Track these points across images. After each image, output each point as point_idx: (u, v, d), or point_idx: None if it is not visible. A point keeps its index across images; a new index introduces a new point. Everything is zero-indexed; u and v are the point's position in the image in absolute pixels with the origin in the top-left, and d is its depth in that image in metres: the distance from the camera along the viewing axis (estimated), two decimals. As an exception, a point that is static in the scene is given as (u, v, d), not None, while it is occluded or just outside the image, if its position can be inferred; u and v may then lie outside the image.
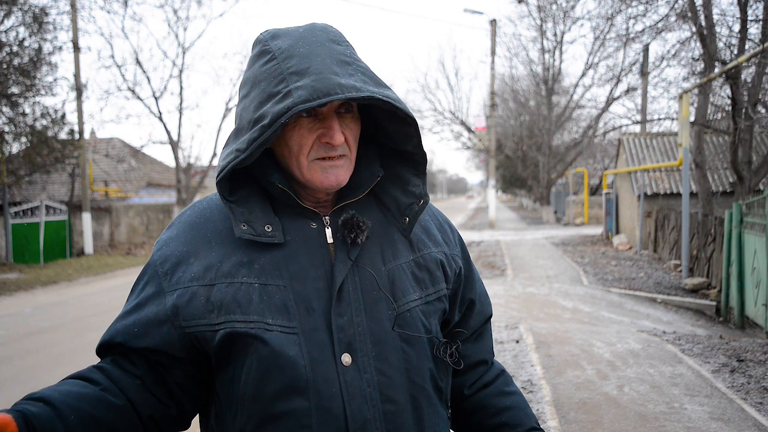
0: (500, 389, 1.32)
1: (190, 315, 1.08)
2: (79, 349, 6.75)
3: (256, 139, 1.04)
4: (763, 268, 7.48)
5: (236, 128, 1.12)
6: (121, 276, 13.41)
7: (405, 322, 1.14)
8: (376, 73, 1.11)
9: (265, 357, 1.06)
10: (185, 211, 1.21)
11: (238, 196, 1.12)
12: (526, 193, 43.42)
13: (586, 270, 12.23)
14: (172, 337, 1.10)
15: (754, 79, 10.50)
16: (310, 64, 1.04)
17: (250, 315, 1.07)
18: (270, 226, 1.11)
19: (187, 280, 1.10)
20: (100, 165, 24.65)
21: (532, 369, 5.47)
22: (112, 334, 1.14)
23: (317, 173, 1.10)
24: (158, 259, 1.14)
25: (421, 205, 1.19)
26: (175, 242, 1.15)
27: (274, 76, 1.06)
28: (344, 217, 1.13)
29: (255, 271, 1.09)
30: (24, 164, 15.32)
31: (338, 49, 1.09)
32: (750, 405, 4.54)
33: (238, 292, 1.08)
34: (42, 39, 14.78)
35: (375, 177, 1.18)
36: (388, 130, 1.19)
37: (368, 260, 1.14)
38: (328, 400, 1.06)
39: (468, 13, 24.95)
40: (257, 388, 1.07)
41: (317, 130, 1.09)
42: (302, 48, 1.07)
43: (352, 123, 1.13)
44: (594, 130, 26.36)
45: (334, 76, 1.03)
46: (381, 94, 1.05)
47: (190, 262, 1.11)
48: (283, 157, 1.13)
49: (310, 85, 1.02)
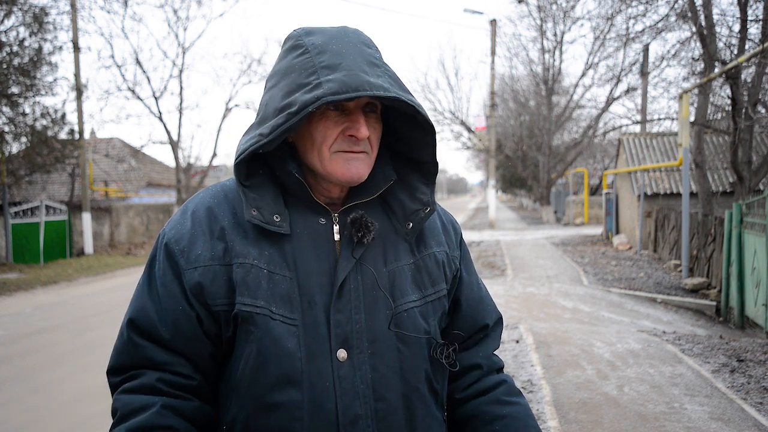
0: (498, 398, 1.26)
1: (215, 294, 1.09)
2: (79, 349, 6.75)
3: (281, 125, 1.06)
4: (763, 268, 7.48)
5: (261, 117, 1.13)
6: (121, 276, 13.41)
7: (402, 322, 1.14)
8: (401, 79, 1.14)
9: (265, 346, 1.07)
10: (198, 193, 1.23)
11: (252, 183, 1.13)
12: (526, 193, 43.41)
13: (586, 270, 12.22)
14: (203, 313, 1.11)
15: (754, 79, 10.50)
16: (342, 60, 1.08)
17: (258, 300, 1.08)
18: (278, 216, 1.12)
19: (207, 259, 1.11)
20: (100, 165, 24.64)
21: (532, 369, 5.47)
22: (141, 312, 1.12)
23: (339, 165, 1.12)
24: (173, 237, 1.14)
25: (427, 213, 1.20)
26: (189, 221, 1.15)
27: (305, 68, 1.09)
28: (353, 216, 1.14)
29: (264, 257, 1.11)
30: (24, 164, 15.31)
31: (369, 51, 1.13)
32: (750, 405, 4.54)
33: (249, 275, 1.09)
34: (42, 39, 14.78)
35: (388, 180, 1.20)
36: (404, 136, 1.21)
37: (371, 260, 1.15)
38: (321, 394, 1.07)
39: (468, 13, 24.95)
40: (253, 378, 1.08)
41: (343, 124, 1.11)
42: (335, 46, 1.10)
43: (375, 123, 1.15)
44: (594, 130, 26.36)
45: (364, 74, 1.07)
46: (406, 98, 1.09)
47: (207, 240, 1.12)
48: (305, 149, 1.14)
49: (340, 79, 1.05)
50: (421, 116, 1.11)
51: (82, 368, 6.01)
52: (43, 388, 5.44)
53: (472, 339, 1.31)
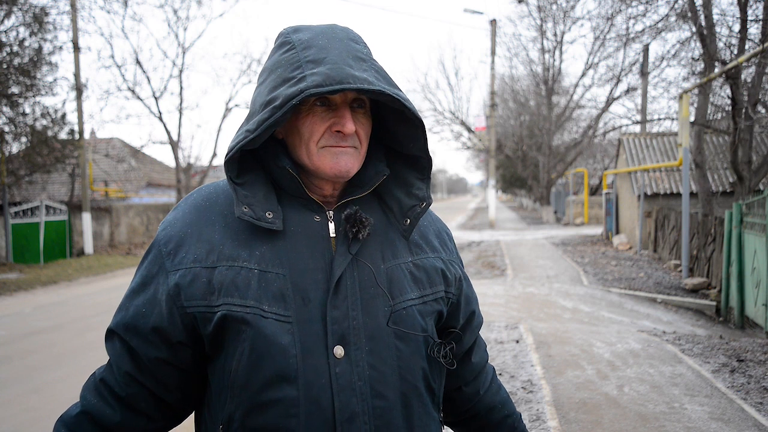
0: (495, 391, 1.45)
1: (191, 295, 1.09)
2: (79, 349, 6.75)
3: (266, 120, 1.06)
4: (763, 268, 7.48)
5: (249, 112, 1.14)
6: (121, 276, 13.41)
7: (401, 319, 1.14)
8: (389, 75, 1.14)
9: (258, 344, 1.06)
10: (192, 193, 1.23)
11: (244, 180, 1.13)
12: (526, 193, 43.42)
13: (586, 270, 12.22)
14: (173, 317, 1.11)
15: (754, 79, 10.50)
16: (328, 54, 1.08)
17: (247, 300, 1.07)
18: (271, 213, 1.12)
19: (190, 262, 1.11)
20: (100, 165, 24.64)
21: (532, 369, 5.47)
22: (124, 317, 1.16)
23: (327, 159, 1.12)
24: (162, 239, 1.15)
25: (423, 207, 1.20)
26: (180, 223, 1.16)
27: (291, 63, 1.09)
28: (347, 211, 1.13)
29: (255, 258, 1.10)
30: (24, 164, 15.31)
31: (356, 47, 1.12)
32: (750, 405, 4.54)
33: (238, 276, 1.09)
34: (42, 39, 14.77)
35: (381, 176, 1.19)
36: (395, 133, 1.21)
37: (368, 256, 1.15)
38: (317, 391, 1.07)
39: (468, 13, 24.95)
40: (248, 376, 1.07)
41: (329, 119, 1.11)
42: (321, 41, 1.10)
43: (363, 119, 1.15)
44: (594, 130, 26.37)
45: (349, 68, 1.07)
46: (392, 92, 1.08)
47: (193, 243, 1.12)
48: (294, 146, 1.14)
49: (324, 72, 1.05)
50: (409, 111, 1.11)
51: (82, 368, 6.00)
52: (43, 388, 5.44)
53: (467, 336, 1.35)
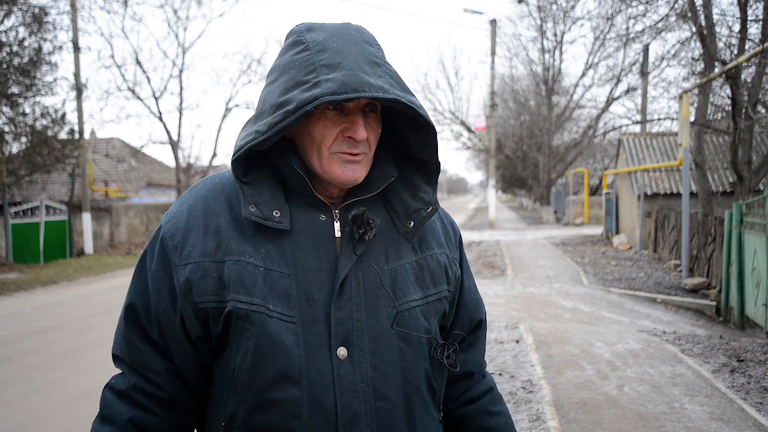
0: (486, 408, 1.32)
1: (203, 291, 1.09)
2: (79, 349, 6.75)
3: (278, 123, 1.05)
4: (763, 268, 7.48)
5: (258, 111, 1.13)
6: (121, 276, 13.40)
7: (404, 320, 1.14)
8: (402, 79, 1.13)
9: (262, 343, 1.06)
10: (197, 184, 1.21)
11: (251, 179, 1.12)
12: (526, 193, 43.40)
13: (586, 270, 12.22)
14: (188, 312, 1.10)
15: (754, 79, 10.50)
16: (342, 59, 1.06)
17: (253, 297, 1.07)
18: (278, 212, 1.11)
19: (199, 255, 1.10)
20: (100, 165, 24.65)
21: (532, 369, 5.47)
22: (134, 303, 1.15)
23: (336, 166, 1.11)
24: (168, 231, 1.14)
25: (429, 212, 1.20)
26: (186, 215, 1.14)
27: (305, 65, 1.07)
28: (354, 212, 1.13)
29: (261, 255, 1.10)
30: (24, 164, 15.30)
31: (370, 50, 1.11)
32: (750, 405, 4.54)
33: (244, 272, 1.08)
34: (42, 39, 14.77)
35: (389, 177, 1.18)
36: (406, 137, 1.20)
37: (372, 257, 1.15)
38: (320, 392, 1.06)
39: (468, 13, 24.95)
40: (251, 375, 1.07)
41: (341, 124, 1.10)
42: (336, 43, 1.09)
43: (374, 123, 1.14)
44: (594, 130, 26.36)
45: (364, 74, 1.05)
46: (406, 99, 1.07)
47: (200, 236, 1.11)
48: (304, 148, 1.14)
49: (339, 79, 1.03)
50: (422, 117, 1.10)
51: (82, 368, 6.00)
52: (43, 388, 5.43)
53: (468, 339, 1.33)
